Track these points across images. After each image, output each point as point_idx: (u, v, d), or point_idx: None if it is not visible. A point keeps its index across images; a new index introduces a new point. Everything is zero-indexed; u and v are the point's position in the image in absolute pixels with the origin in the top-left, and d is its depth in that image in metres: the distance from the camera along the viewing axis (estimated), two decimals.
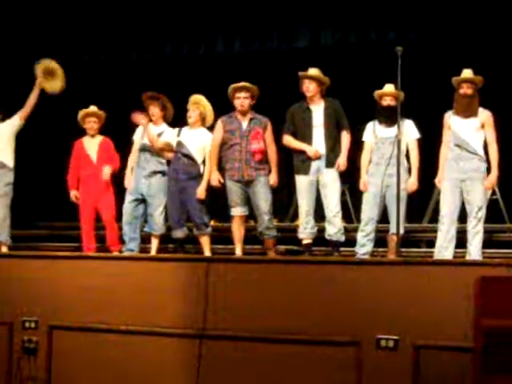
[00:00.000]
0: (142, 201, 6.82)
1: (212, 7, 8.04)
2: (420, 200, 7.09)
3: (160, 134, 6.83)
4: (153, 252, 6.77)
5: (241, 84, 6.49)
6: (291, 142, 6.53)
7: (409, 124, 6.37)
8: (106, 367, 5.65)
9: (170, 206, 6.66)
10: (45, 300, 5.87)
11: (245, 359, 5.32)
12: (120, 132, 7.35)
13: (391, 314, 5.04)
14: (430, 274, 5.04)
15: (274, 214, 6.64)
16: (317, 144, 6.42)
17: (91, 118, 7.08)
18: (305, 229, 6.46)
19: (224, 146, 6.52)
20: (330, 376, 5.13)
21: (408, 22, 7.41)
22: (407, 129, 6.33)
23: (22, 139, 7.25)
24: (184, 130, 6.72)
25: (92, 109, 7.10)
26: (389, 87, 6.38)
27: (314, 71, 6.50)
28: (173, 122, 6.95)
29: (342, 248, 6.52)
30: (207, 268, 5.51)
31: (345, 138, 6.46)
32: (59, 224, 8.39)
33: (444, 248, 6.03)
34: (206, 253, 6.61)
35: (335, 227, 6.34)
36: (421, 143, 6.41)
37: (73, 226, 7.59)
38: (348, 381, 5.09)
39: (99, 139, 7.12)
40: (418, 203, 7.12)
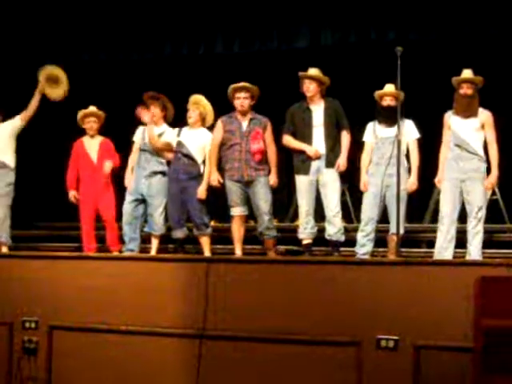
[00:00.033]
0: (142, 201, 6.81)
1: (211, 7, 8.03)
2: (420, 200, 7.09)
3: (160, 135, 6.83)
4: (153, 252, 6.76)
5: (240, 84, 6.49)
6: (291, 142, 6.53)
7: (409, 124, 6.37)
8: (107, 367, 5.65)
9: (171, 207, 6.66)
10: (45, 300, 5.87)
11: (245, 359, 5.33)
12: (120, 132, 7.35)
13: (391, 314, 5.04)
14: (430, 274, 5.04)
15: (274, 214, 6.64)
16: (317, 144, 6.42)
17: (91, 118, 7.08)
18: (305, 229, 6.46)
19: (224, 146, 6.52)
20: (331, 376, 5.14)
21: (408, 22, 7.41)
22: (407, 129, 6.33)
23: (23, 139, 7.25)
24: (184, 130, 6.72)
25: (91, 109, 7.10)
26: (389, 87, 6.38)
27: (314, 71, 6.50)
28: (173, 123, 6.95)
29: (342, 248, 6.52)
30: (207, 268, 5.51)
31: (345, 138, 6.46)
32: (59, 224, 8.38)
33: (444, 248, 6.03)
34: (206, 253, 6.60)
35: (335, 227, 6.34)
36: (421, 143, 6.41)
37: (73, 227, 7.59)
38: (348, 381, 5.09)
39: (99, 139, 7.12)
40: (418, 203, 7.12)
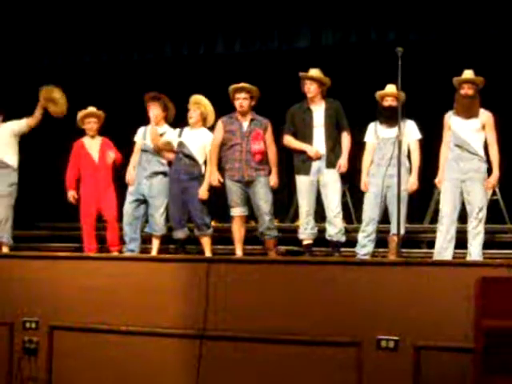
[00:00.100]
0: (143, 201, 6.81)
1: (212, 7, 8.03)
2: (421, 200, 7.09)
3: (162, 135, 6.82)
4: (153, 252, 6.76)
5: (240, 85, 6.48)
6: (292, 143, 6.53)
7: (410, 124, 6.37)
8: (107, 367, 5.65)
9: (172, 207, 6.65)
10: (45, 300, 5.87)
11: (245, 360, 5.33)
12: (121, 132, 7.35)
13: (392, 315, 5.04)
14: (431, 275, 5.04)
15: (275, 215, 6.63)
16: (317, 144, 6.41)
17: (91, 119, 7.07)
18: (305, 229, 6.46)
19: (224, 147, 6.52)
20: (331, 376, 5.14)
21: (408, 23, 7.40)
22: (409, 129, 6.32)
23: (24, 140, 7.26)
24: (185, 131, 6.72)
25: (91, 109, 7.09)
26: (390, 88, 6.37)
27: (315, 72, 6.49)
28: (174, 123, 6.95)
29: (343, 248, 6.52)
30: (208, 268, 5.51)
31: (345, 139, 6.45)
32: (60, 225, 8.39)
33: (444, 248, 6.02)
34: (207, 253, 6.59)
35: (336, 228, 6.34)
36: (421, 143, 6.41)
37: (74, 227, 7.59)
38: (348, 381, 5.09)
39: (100, 139, 7.12)
40: (419, 204, 7.12)
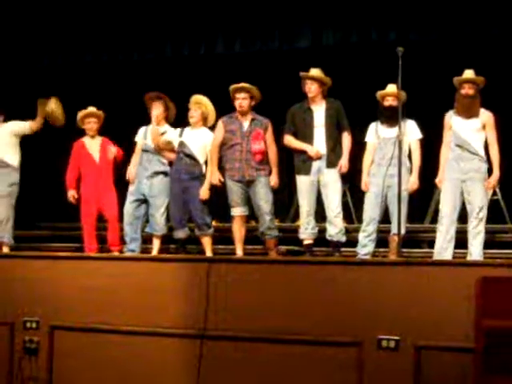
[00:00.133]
0: (144, 201, 6.81)
1: (212, 7, 8.03)
2: (421, 200, 7.08)
3: (162, 134, 6.83)
4: (154, 252, 6.76)
5: (240, 85, 6.48)
6: (292, 142, 6.53)
7: (411, 124, 6.37)
8: (108, 367, 5.65)
9: (173, 207, 6.65)
10: (46, 300, 5.87)
11: (246, 359, 5.33)
12: (121, 133, 7.35)
13: (392, 315, 5.04)
14: (432, 275, 5.04)
15: (275, 215, 6.63)
16: (318, 144, 6.41)
17: (91, 119, 7.06)
18: (306, 229, 6.46)
19: (224, 146, 6.52)
20: (331, 376, 5.14)
21: (409, 23, 7.40)
22: (409, 129, 6.32)
23: (24, 140, 7.26)
24: (186, 131, 6.72)
25: (90, 109, 7.08)
26: (391, 87, 6.36)
27: (316, 72, 6.49)
28: (174, 123, 6.95)
29: (343, 248, 6.52)
30: (208, 268, 5.51)
31: (346, 139, 6.45)
32: (61, 225, 8.39)
33: (444, 248, 6.02)
34: (208, 253, 6.59)
35: (336, 228, 6.34)
36: (422, 143, 6.40)
37: (74, 227, 7.59)
38: (349, 381, 5.09)
39: (100, 139, 7.12)
40: (420, 203, 7.12)
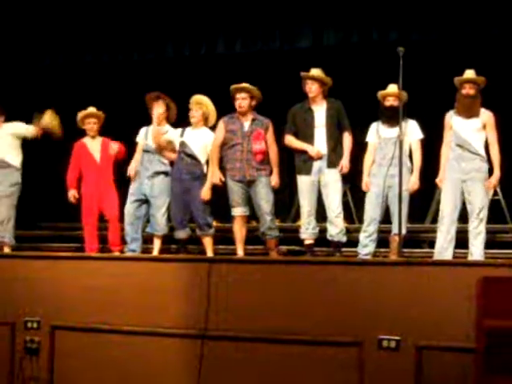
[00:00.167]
0: (145, 201, 6.81)
1: (213, 8, 8.03)
2: (422, 200, 7.07)
3: (163, 134, 6.82)
4: (155, 252, 6.76)
5: (239, 85, 6.48)
6: (293, 142, 6.53)
7: (412, 124, 6.36)
8: (109, 367, 5.65)
9: (174, 207, 6.65)
10: (47, 300, 5.87)
11: (246, 359, 5.32)
12: (122, 133, 7.35)
13: (393, 315, 5.04)
14: (432, 275, 5.03)
15: (276, 215, 6.63)
16: (318, 144, 6.41)
17: (91, 119, 7.06)
18: (306, 229, 6.46)
19: (225, 146, 6.52)
20: (332, 376, 5.13)
21: (410, 23, 7.40)
22: (411, 129, 6.32)
23: (26, 140, 7.24)
24: (187, 131, 6.72)
25: (90, 110, 7.08)
26: (392, 87, 6.35)
27: (317, 72, 6.49)
28: (175, 123, 6.95)
29: (344, 248, 6.52)
30: (209, 268, 5.51)
31: (347, 140, 6.45)
32: (62, 225, 8.40)
33: (444, 248, 6.02)
34: (209, 253, 6.59)
35: (337, 228, 6.34)
36: (423, 143, 6.40)
37: (75, 227, 7.60)
38: (350, 381, 5.09)
39: (101, 139, 7.12)
40: (420, 203, 7.11)
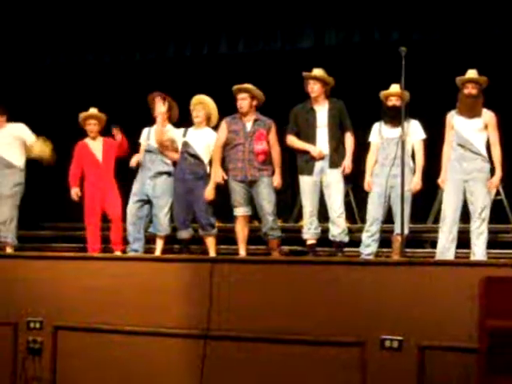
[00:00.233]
0: (147, 202, 6.81)
1: (215, 8, 8.04)
2: (424, 200, 7.08)
3: (166, 132, 6.83)
4: (157, 253, 6.76)
5: (239, 86, 6.47)
6: (295, 143, 6.53)
7: (415, 124, 6.36)
8: (111, 367, 5.65)
9: (176, 207, 6.65)
10: (49, 300, 5.87)
11: (249, 359, 5.32)
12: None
13: (396, 315, 5.03)
14: (435, 275, 5.03)
15: (278, 215, 6.64)
16: (320, 144, 6.42)
17: (91, 121, 7.06)
18: (309, 229, 6.46)
19: (227, 146, 6.52)
20: (334, 376, 5.13)
21: (412, 23, 7.40)
22: (413, 129, 6.31)
23: None
24: (190, 131, 6.73)
25: (91, 111, 7.08)
26: (394, 87, 6.34)
27: (319, 71, 6.49)
28: (177, 123, 6.95)
29: (347, 248, 6.52)
30: (211, 268, 5.51)
31: (349, 140, 6.45)
32: (64, 225, 8.40)
33: (446, 249, 6.01)
34: (212, 253, 6.59)
35: (339, 228, 6.34)
36: (425, 143, 6.40)
37: (77, 227, 7.60)
38: (352, 381, 5.08)
39: (102, 140, 7.11)
40: (423, 203, 7.11)
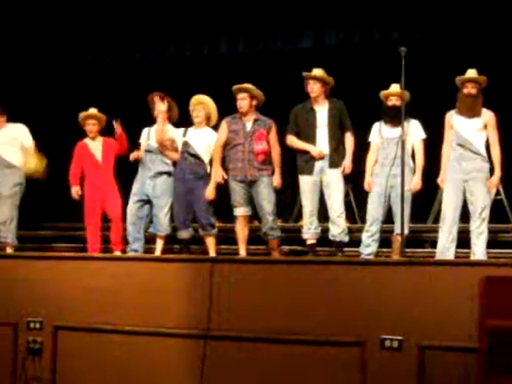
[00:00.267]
0: (147, 202, 6.81)
1: (215, 8, 8.04)
2: (424, 200, 7.08)
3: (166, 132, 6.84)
4: (157, 253, 6.76)
5: (239, 86, 6.47)
6: (295, 142, 6.53)
7: (415, 124, 6.36)
8: (111, 368, 5.65)
9: (176, 207, 6.65)
10: (49, 300, 5.87)
11: (249, 359, 5.33)
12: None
13: (396, 315, 5.04)
14: (435, 274, 5.03)
15: (278, 215, 6.64)
16: (320, 144, 6.42)
17: (90, 121, 7.05)
18: (309, 229, 6.46)
19: (227, 146, 6.52)
20: (334, 376, 5.13)
21: (412, 23, 7.40)
22: (413, 129, 6.31)
23: None
24: (190, 130, 6.73)
25: (91, 111, 7.07)
26: (394, 87, 6.34)
27: (319, 71, 6.49)
28: (176, 123, 6.95)
29: (347, 248, 6.52)
30: (211, 268, 5.51)
31: (349, 140, 6.45)
32: (64, 225, 8.40)
33: (446, 248, 6.01)
34: (212, 253, 6.59)
35: (339, 228, 6.34)
36: (425, 143, 6.40)
37: (78, 227, 7.60)
38: (352, 381, 5.09)
39: (101, 140, 7.10)
40: (423, 203, 7.11)
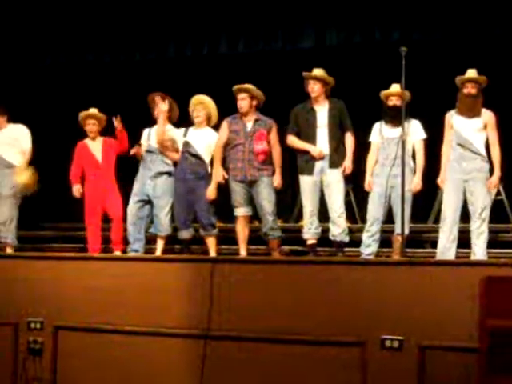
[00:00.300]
0: (148, 202, 6.81)
1: (215, 7, 8.04)
2: (425, 200, 7.08)
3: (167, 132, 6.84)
4: (158, 253, 6.76)
5: (239, 86, 6.47)
6: (295, 142, 6.53)
7: (415, 124, 6.35)
8: (111, 368, 5.66)
9: (177, 207, 6.65)
10: (50, 301, 5.88)
11: (249, 359, 5.33)
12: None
13: (396, 315, 5.04)
14: (435, 275, 5.03)
15: (279, 215, 6.64)
16: (321, 144, 6.41)
17: (90, 121, 7.04)
18: (309, 229, 6.46)
19: (228, 146, 6.52)
20: (335, 376, 5.14)
21: (412, 23, 7.40)
22: (414, 129, 6.31)
23: None
24: (190, 130, 6.73)
25: (91, 111, 7.07)
26: (395, 87, 6.34)
27: (319, 71, 6.49)
28: (177, 123, 6.95)
29: (347, 248, 6.52)
30: (212, 268, 5.51)
31: (349, 140, 6.45)
32: (64, 225, 8.40)
33: (447, 249, 6.01)
34: (212, 253, 6.59)
35: (339, 228, 6.34)
36: (426, 143, 6.40)
37: (78, 227, 7.60)
38: (353, 381, 5.09)
39: (101, 140, 7.10)
40: (423, 203, 7.11)
